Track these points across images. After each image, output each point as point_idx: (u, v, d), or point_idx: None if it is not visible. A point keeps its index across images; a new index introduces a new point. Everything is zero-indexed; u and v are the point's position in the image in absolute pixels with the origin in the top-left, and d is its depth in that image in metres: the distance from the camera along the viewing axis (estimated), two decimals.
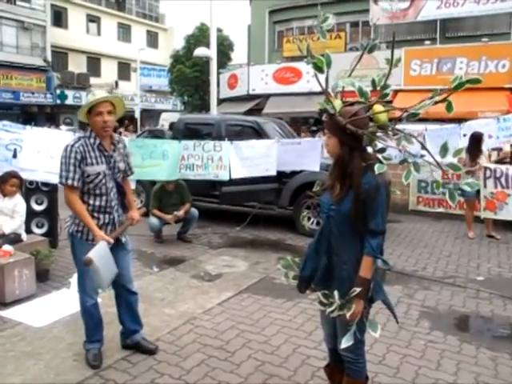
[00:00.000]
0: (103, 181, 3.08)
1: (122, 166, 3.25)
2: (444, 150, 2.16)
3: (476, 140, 7.02)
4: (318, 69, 2.29)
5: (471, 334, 3.93)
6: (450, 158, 2.16)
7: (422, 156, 2.48)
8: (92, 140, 3.06)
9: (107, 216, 3.16)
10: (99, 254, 2.91)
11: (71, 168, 2.95)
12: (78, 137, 3.08)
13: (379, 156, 2.31)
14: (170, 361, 3.32)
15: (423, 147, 2.27)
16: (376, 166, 2.19)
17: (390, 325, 3.97)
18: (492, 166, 7.15)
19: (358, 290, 2.21)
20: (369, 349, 3.49)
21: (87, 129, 3.13)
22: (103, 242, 2.98)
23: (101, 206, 3.12)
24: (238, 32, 43.32)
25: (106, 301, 4.37)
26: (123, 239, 3.34)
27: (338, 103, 2.28)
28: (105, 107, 3.00)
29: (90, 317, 3.28)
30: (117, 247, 3.21)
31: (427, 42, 18.76)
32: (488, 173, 7.09)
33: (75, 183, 2.97)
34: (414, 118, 2.23)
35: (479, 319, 4.27)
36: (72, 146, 2.98)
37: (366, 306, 2.29)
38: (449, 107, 2.16)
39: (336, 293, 2.27)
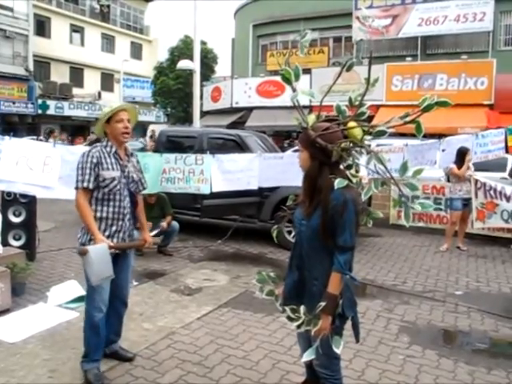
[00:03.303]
0: (118, 186, 3.15)
1: (136, 176, 3.35)
2: (403, 168, 2.18)
3: (462, 154, 7.21)
4: (286, 80, 2.31)
5: (449, 348, 3.95)
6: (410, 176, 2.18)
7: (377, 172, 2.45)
8: (108, 148, 3.18)
9: (120, 223, 3.20)
10: (97, 250, 2.94)
11: (87, 171, 3.05)
12: (95, 145, 3.21)
13: (347, 172, 2.32)
14: (147, 377, 3.27)
15: (383, 165, 2.21)
16: (336, 181, 2.20)
17: (369, 339, 3.98)
18: (482, 179, 7.32)
19: (323, 304, 2.21)
20: (348, 364, 3.49)
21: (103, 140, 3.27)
22: (105, 244, 3.00)
23: (114, 212, 3.17)
24: (222, 45, 43.59)
25: (84, 315, 4.30)
26: (127, 251, 3.39)
27: (311, 118, 2.30)
28: (125, 115, 3.19)
29: (96, 333, 3.19)
30: (121, 258, 3.27)
31: (408, 59, 19.13)
32: (479, 184, 7.29)
33: (90, 185, 3.05)
34: (382, 135, 2.25)
35: (457, 333, 4.30)
36: (89, 151, 3.11)
37: (335, 321, 2.28)
38: (418, 128, 2.16)
39: (302, 308, 2.27)
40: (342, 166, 2.36)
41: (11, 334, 3.83)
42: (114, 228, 3.18)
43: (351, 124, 2.27)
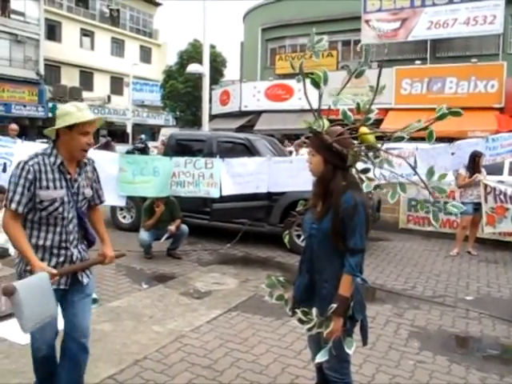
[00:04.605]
0: (60, 209, 2.50)
1: (87, 192, 2.67)
2: (430, 173, 2.25)
3: (475, 158, 7.17)
4: (315, 84, 2.34)
5: (461, 354, 3.92)
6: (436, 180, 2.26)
7: (415, 174, 2.54)
8: (52, 159, 2.50)
9: (63, 252, 2.56)
10: (30, 285, 2.29)
11: (19, 189, 2.40)
12: (35, 153, 2.52)
13: (362, 176, 2.36)
14: (157, 380, 3.27)
15: (413, 169, 2.33)
16: (364, 185, 2.27)
17: (379, 344, 3.96)
18: (492, 183, 7.27)
19: (334, 306, 2.22)
20: (358, 369, 3.48)
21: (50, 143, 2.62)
22: (43, 273, 2.34)
23: (54, 240, 2.53)
24: (230, 49, 43.77)
25: (94, 317, 4.33)
26: (84, 280, 2.66)
27: (325, 122, 2.32)
28: (92, 128, 2.56)
29: (42, 368, 2.75)
30: (73, 289, 2.62)
31: (418, 62, 19.08)
32: (488, 189, 7.23)
33: (20, 208, 2.42)
34: (401, 140, 2.32)
35: (469, 339, 4.27)
36: (25, 162, 2.44)
37: (346, 324, 2.29)
38: (430, 135, 2.26)
39: (314, 310, 2.28)
40: (353, 170, 2.39)
41: (23, 335, 3.84)
42: (55, 259, 2.54)
43: (364, 130, 2.29)
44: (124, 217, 8.46)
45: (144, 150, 15.35)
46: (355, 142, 2.35)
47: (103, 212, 9.33)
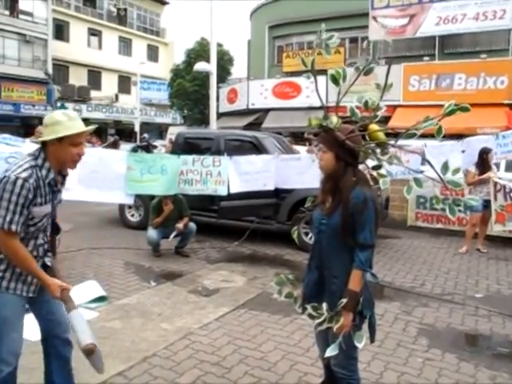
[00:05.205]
0: (45, 223, 2.45)
1: (60, 198, 2.59)
2: (445, 168, 2.27)
3: (483, 155, 7.13)
4: (335, 81, 2.37)
5: (470, 352, 3.89)
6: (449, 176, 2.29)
7: (421, 172, 2.59)
8: (44, 172, 2.35)
9: (40, 261, 2.49)
10: (88, 330, 2.35)
11: (18, 209, 2.24)
12: (30, 165, 2.30)
13: (374, 173, 2.39)
14: (166, 377, 3.29)
15: (429, 164, 2.38)
16: (381, 182, 2.37)
17: (387, 342, 3.95)
18: (501, 181, 7.20)
19: (344, 301, 2.23)
20: (366, 366, 3.47)
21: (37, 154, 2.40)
22: (76, 311, 2.36)
23: (39, 251, 2.46)
24: (237, 47, 43.72)
25: (103, 315, 4.36)
26: None
27: (335, 119, 2.33)
28: (84, 138, 2.45)
29: None
30: (41, 289, 2.49)
31: (426, 58, 18.93)
32: (498, 186, 7.17)
33: (19, 228, 2.27)
34: (412, 137, 2.34)
35: (478, 337, 4.24)
36: (25, 180, 2.24)
37: (355, 319, 2.30)
38: (439, 131, 2.30)
39: (324, 305, 2.29)
40: (361, 166, 2.42)
41: (32, 332, 3.88)
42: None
43: (374, 127, 2.31)
44: (132, 215, 8.50)
45: (147, 149, 15.45)
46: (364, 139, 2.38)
47: (112, 211, 9.40)
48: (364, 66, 2.40)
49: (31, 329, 3.61)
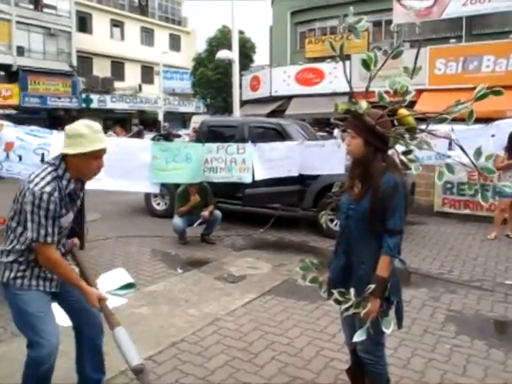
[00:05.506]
0: (65, 232, 2.54)
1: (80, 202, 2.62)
2: (478, 154, 2.23)
3: None
4: (366, 66, 2.35)
5: (499, 339, 3.84)
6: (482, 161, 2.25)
7: (449, 157, 2.55)
8: (65, 183, 2.38)
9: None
10: (133, 346, 2.42)
11: (50, 222, 2.30)
12: (52, 177, 2.32)
13: (403, 158, 2.37)
14: (194, 361, 3.35)
15: (462, 149, 2.32)
16: (413, 167, 2.37)
17: (414, 328, 3.93)
18: None
19: (372, 286, 2.22)
20: (393, 352, 3.47)
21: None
22: (121, 329, 2.42)
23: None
24: (259, 34, 43.40)
25: (132, 301, 4.45)
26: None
27: (364, 104, 2.30)
28: (105, 151, 2.47)
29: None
30: (63, 292, 2.59)
31: (452, 41, 18.46)
32: None
33: (55, 239, 2.36)
34: (443, 122, 2.33)
35: (508, 324, 4.18)
36: (50, 194, 2.27)
37: (382, 305, 2.29)
38: (470, 115, 2.25)
39: (352, 290, 2.29)
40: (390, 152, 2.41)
41: (63, 318, 3.98)
42: (43, 276, 2.49)
43: (403, 112, 2.29)
44: (158, 203, 8.61)
45: (168, 138, 15.62)
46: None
47: (138, 199, 9.52)
48: (392, 49, 2.37)
49: (61, 315, 3.73)
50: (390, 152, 2.40)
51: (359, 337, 2.29)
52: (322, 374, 3.21)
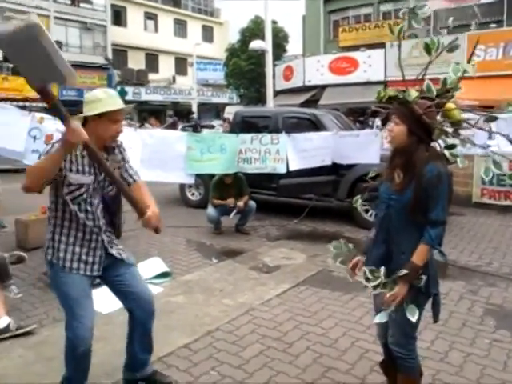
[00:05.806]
0: (84, 195, 2.48)
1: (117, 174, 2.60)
2: None
3: None
4: (428, 50, 2.32)
5: None
6: None
7: (488, 146, 2.49)
8: (81, 146, 2.38)
9: (94, 237, 2.57)
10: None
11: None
12: None
13: (446, 152, 2.32)
14: (229, 350, 3.39)
15: (510, 142, 2.26)
16: (459, 160, 2.32)
17: (452, 321, 3.86)
18: None
19: (404, 271, 2.19)
20: (429, 345, 3.42)
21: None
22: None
23: (87, 228, 2.53)
24: (292, 23, 43.02)
25: (168, 290, 4.54)
26: (122, 255, 2.71)
27: (414, 93, 2.26)
28: (123, 116, 2.55)
29: (78, 365, 2.59)
30: (113, 266, 2.67)
31: (493, 25, 17.82)
32: None
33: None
34: (493, 120, 2.29)
35: None
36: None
37: (409, 292, 2.24)
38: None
39: (382, 268, 2.26)
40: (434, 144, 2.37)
41: (104, 305, 4.10)
42: (87, 247, 2.55)
43: (451, 105, 2.26)
44: (192, 194, 8.71)
45: (196, 128, 15.80)
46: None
47: (172, 190, 9.64)
48: (449, 43, 2.33)
49: (103, 301, 3.84)
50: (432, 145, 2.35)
51: (380, 319, 2.28)
52: (356, 365, 3.20)
